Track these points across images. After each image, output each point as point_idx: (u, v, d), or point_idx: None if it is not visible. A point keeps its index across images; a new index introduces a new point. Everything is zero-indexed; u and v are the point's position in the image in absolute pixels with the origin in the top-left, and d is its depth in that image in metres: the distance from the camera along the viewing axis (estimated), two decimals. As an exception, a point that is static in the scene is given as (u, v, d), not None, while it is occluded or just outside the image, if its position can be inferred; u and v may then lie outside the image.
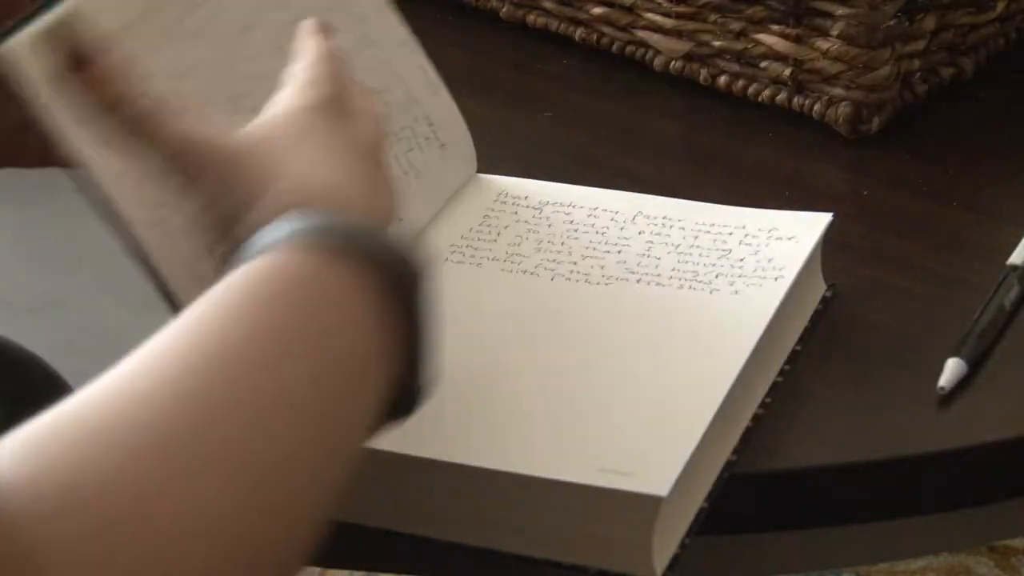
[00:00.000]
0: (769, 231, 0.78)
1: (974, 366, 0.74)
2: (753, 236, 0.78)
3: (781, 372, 0.74)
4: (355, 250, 0.55)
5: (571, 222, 0.80)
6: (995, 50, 1.02)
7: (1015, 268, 0.80)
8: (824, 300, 0.78)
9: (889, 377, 0.75)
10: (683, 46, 1.00)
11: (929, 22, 0.96)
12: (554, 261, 0.78)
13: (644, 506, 0.63)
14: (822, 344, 0.76)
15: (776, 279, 0.75)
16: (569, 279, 0.76)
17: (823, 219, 0.79)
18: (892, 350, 0.76)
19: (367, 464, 0.66)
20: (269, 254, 0.55)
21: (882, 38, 0.93)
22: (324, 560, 0.76)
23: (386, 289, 0.55)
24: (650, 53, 1.02)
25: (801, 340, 0.76)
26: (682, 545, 0.65)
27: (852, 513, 0.71)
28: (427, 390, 0.58)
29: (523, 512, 0.65)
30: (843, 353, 0.76)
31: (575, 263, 0.77)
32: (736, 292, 0.74)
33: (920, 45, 0.96)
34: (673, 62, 1.01)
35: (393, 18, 0.81)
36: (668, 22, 1.01)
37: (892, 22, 0.93)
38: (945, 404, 0.72)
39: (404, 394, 0.57)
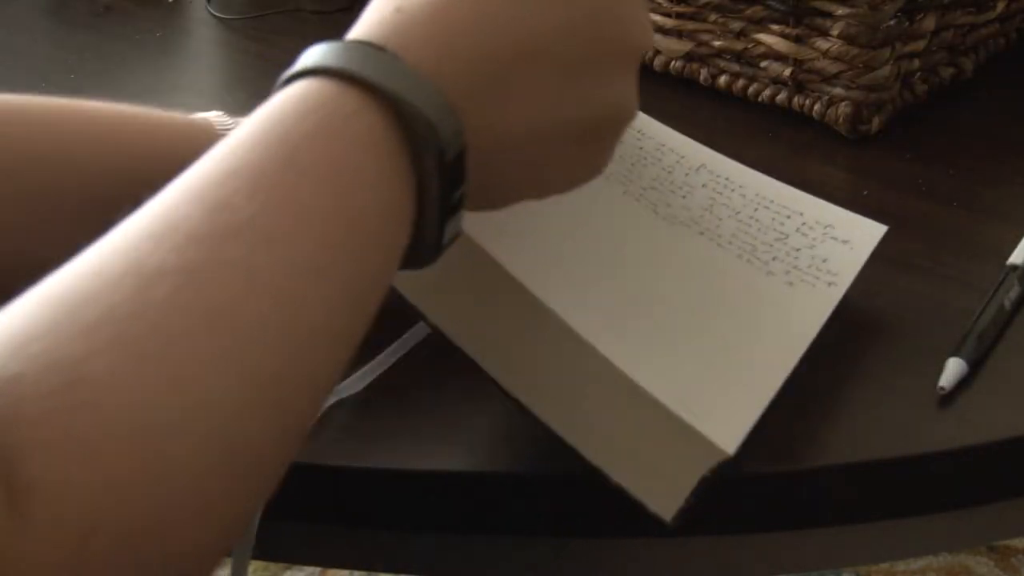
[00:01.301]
0: (825, 227, 0.78)
1: (974, 366, 0.74)
2: (810, 227, 0.77)
3: None
4: (391, 93, 0.51)
5: (640, 148, 0.78)
6: (995, 50, 1.02)
7: (1015, 268, 0.80)
8: None
9: (889, 377, 0.75)
10: (683, 46, 1.00)
11: (929, 22, 0.96)
12: (626, 177, 0.76)
13: (706, 454, 0.62)
14: (822, 344, 0.76)
15: (829, 284, 0.74)
16: (639, 201, 0.75)
17: (879, 230, 0.79)
18: (892, 350, 0.76)
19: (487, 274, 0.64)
20: (307, 81, 0.51)
21: (882, 38, 0.93)
22: (324, 560, 0.76)
23: (412, 144, 0.52)
24: (650, 53, 1.02)
25: None
26: (688, 500, 0.64)
27: (852, 513, 0.71)
28: (446, 243, 0.55)
29: (593, 403, 0.64)
30: (843, 353, 0.76)
31: (644, 189, 0.76)
32: (790, 284, 0.74)
33: (920, 45, 0.96)
34: (673, 62, 1.01)
35: None
36: (668, 22, 1.01)
37: (892, 22, 0.93)
38: (945, 404, 0.72)
39: (425, 243, 0.54)
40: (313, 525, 0.69)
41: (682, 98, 1.00)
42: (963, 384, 0.73)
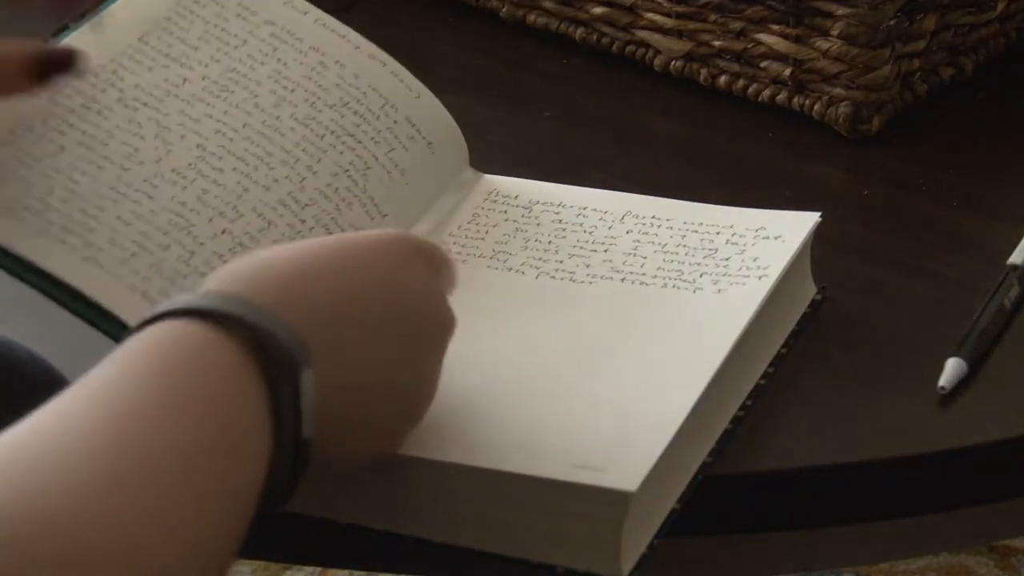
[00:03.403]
0: (756, 230, 0.78)
1: (974, 366, 0.74)
2: (740, 235, 0.78)
3: (764, 375, 0.73)
4: (243, 328, 0.57)
5: (560, 221, 0.81)
6: (995, 50, 1.02)
7: (1015, 268, 0.80)
8: (813, 303, 0.78)
9: (889, 377, 0.75)
10: (683, 46, 1.00)
11: (929, 22, 0.96)
12: (540, 259, 0.78)
13: (614, 503, 0.63)
14: (822, 344, 0.76)
15: (760, 278, 0.74)
16: (554, 277, 0.77)
17: (811, 218, 0.78)
18: (892, 350, 0.76)
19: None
20: (163, 323, 0.57)
21: (882, 38, 0.93)
22: (324, 560, 0.77)
23: (269, 372, 0.57)
24: (650, 53, 1.02)
25: (787, 343, 0.75)
26: (651, 546, 0.65)
27: (852, 513, 0.71)
28: (298, 480, 0.59)
29: (493, 508, 0.65)
30: (843, 353, 0.76)
31: (561, 261, 0.78)
32: (719, 291, 0.74)
33: (920, 45, 0.96)
34: (673, 62, 1.01)
35: (355, 39, 0.83)
36: (668, 22, 1.01)
37: (892, 22, 0.93)
38: (945, 404, 0.72)
39: (280, 480, 0.59)
40: (313, 525, 0.69)
41: (682, 98, 1.00)
42: (963, 384, 0.73)
